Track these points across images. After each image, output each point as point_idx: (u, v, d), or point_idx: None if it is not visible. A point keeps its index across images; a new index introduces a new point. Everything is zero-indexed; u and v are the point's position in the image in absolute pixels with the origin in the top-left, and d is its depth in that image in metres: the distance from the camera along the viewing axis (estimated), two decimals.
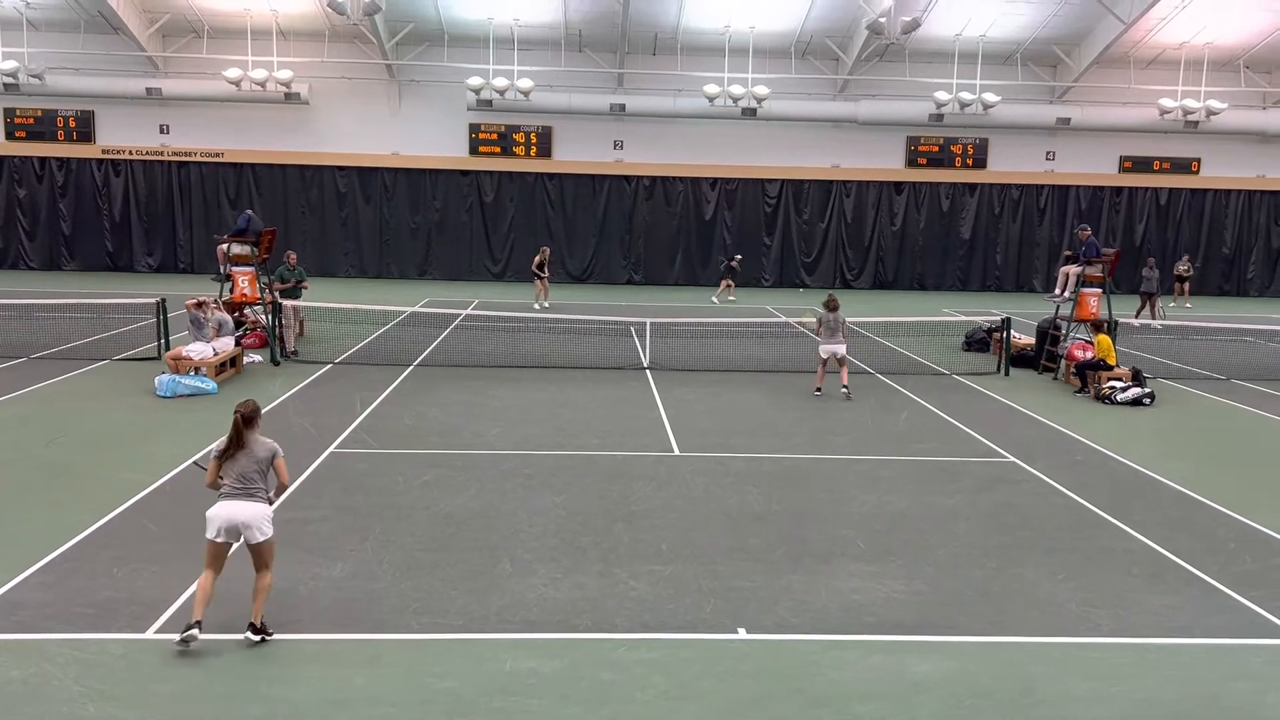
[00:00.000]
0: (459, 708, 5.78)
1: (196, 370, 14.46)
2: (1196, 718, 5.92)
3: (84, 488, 9.64)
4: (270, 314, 17.15)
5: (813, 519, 9.26)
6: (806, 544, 8.57)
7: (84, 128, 31.41)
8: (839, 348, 15.00)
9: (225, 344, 15.47)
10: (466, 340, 19.51)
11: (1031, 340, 18.85)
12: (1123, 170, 34.02)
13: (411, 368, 16.55)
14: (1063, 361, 17.23)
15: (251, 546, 6.52)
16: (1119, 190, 34.24)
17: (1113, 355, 16.00)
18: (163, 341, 16.72)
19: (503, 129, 32.29)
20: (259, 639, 6.45)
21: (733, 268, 29.47)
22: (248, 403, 6.80)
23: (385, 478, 10.21)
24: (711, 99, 29.21)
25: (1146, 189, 34.24)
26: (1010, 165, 33.74)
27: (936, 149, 33.44)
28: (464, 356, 17.71)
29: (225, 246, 17.71)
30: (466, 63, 30.23)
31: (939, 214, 34.06)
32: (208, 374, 14.48)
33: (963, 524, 9.25)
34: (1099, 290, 17.67)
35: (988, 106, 29.69)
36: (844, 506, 9.68)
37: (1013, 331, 18.22)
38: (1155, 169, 33.97)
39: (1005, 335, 17.88)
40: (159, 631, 6.60)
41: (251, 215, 18.09)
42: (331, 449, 11.27)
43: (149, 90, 30.27)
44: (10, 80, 28.41)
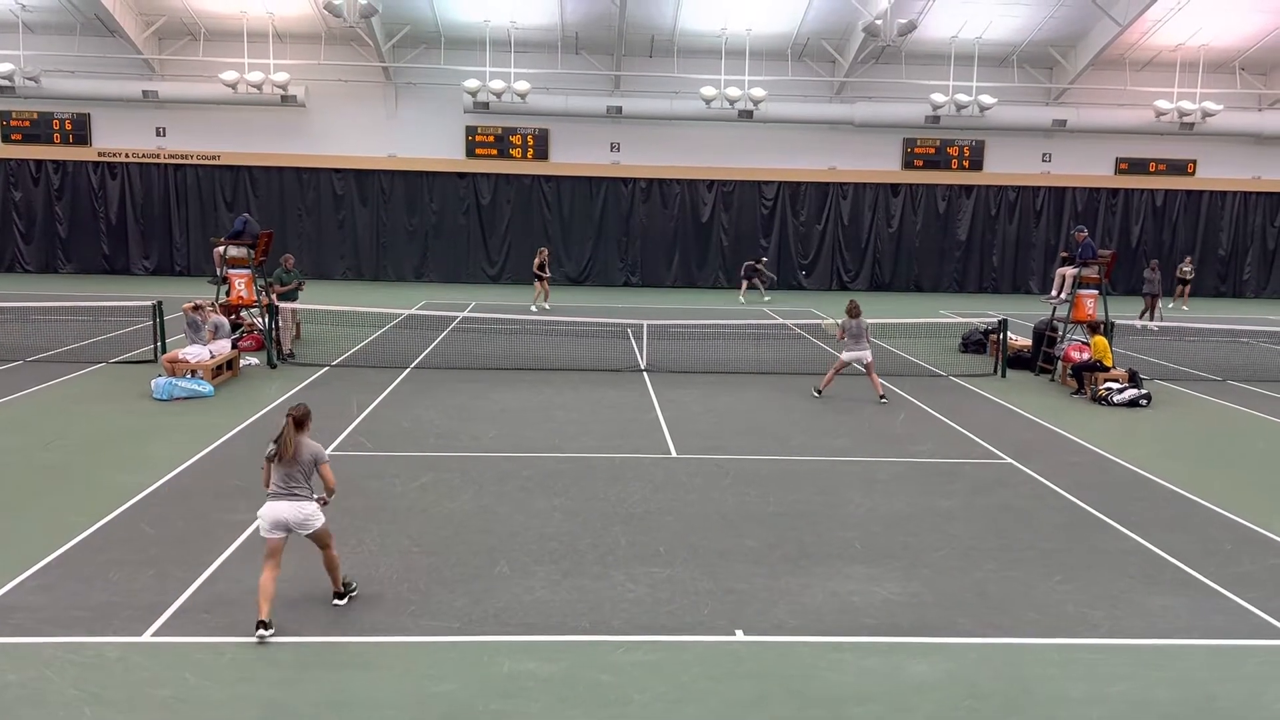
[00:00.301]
0: (456, 710, 5.77)
1: (193, 373, 14.45)
2: (1193, 719, 5.93)
3: (80, 491, 9.63)
4: (267, 316, 17.14)
5: (810, 521, 9.26)
6: (804, 546, 8.57)
7: (80, 130, 31.38)
8: (864, 354, 14.77)
9: (222, 347, 15.45)
10: (463, 343, 19.51)
11: (1028, 342, 18.87)
12: (1119, 172, 34.08)
13: (408, 370, 16.55)
14: (1059, 363, 17.25)
15: (307, 536, 6.98)
16: (1115, 192, 34.29)
17: (1109, 357, 16.02)
18: (159, 344, 16.71)
19: (499, 131, 32.29)
20: (344, 600, 7.15)
21: (757, 268, 30.15)
22: (299, 406, 7.09)
23: (382, 480, 10.21)
24: (708, 101, 29.23)
25: (1142, 190, 34.29)
26: (1007, 167, 33.79)
27: (933, 151, 33.48)
28: (461, 359, 17.71)
29: (222, 249, 17.70)
30: (463, 65, 30.25)
31: (935, 216, 34.10)
32: (204, 377, 14.46)
33: (960, 525, 9.26)
34: (1095, 292, 17.71)
35: (984, 108, 29.73)
36: (841, 508, 9.69)
37: (1009, 333, 18.25)
38: (1151, 170, 34.03)
39: (1002, 337, 17.90)
40: (156, 634, 6.60)
41: (248, 218, 18.08)
42: (328, 452, 11.18)
43: (145, 93, 30.24)
44: (6, 83, 28.39)
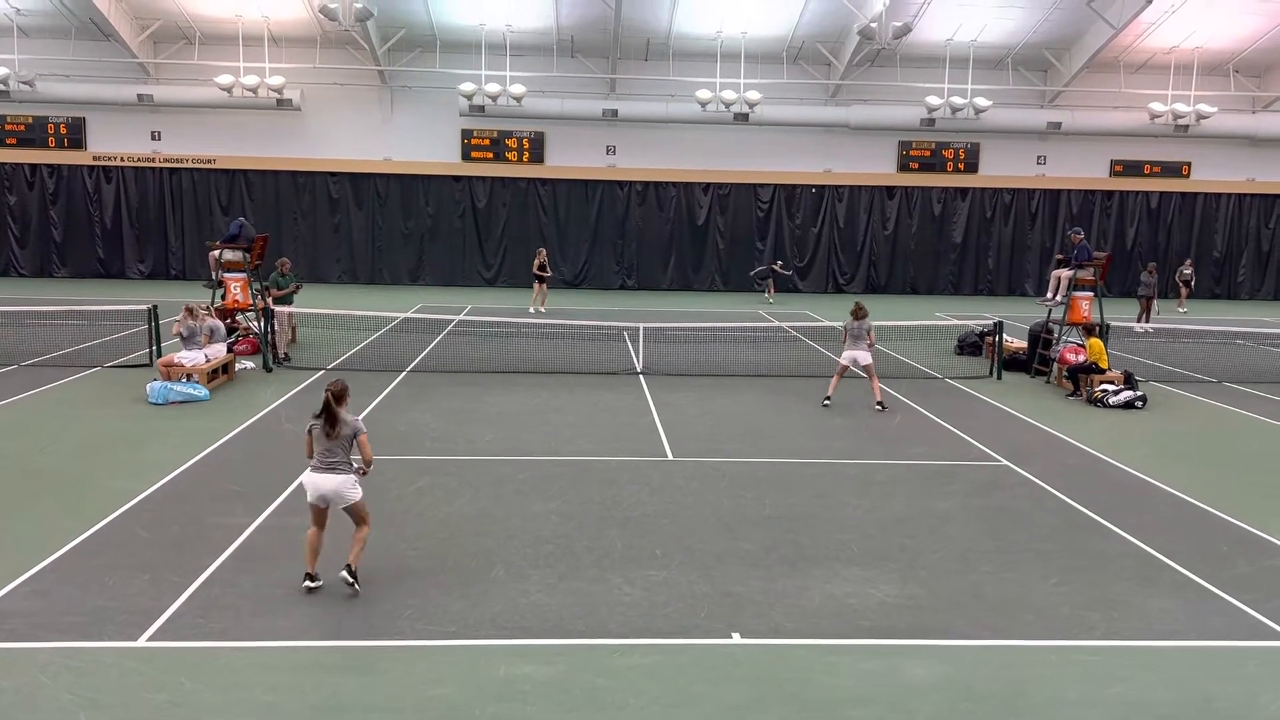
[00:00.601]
0: (453, 714, 5.76)
1: (188, 377, 14.42)
2: None
3: (75, 495, 9.60)
4: (262, 320, 17.12)
5: (807, 523, 9.26)
6: (800, 548, 8.57)
7: (75, 134, 31.35)
8: (860, 354, 14.45)
9: (217, 350, 15.43)
10: (459, 346, 19.50)
11: (1024, 344, 18.89)
12: (1114, 174, 34.16)
13: (404, 374, 16.53)
14: (1055, 365, 17.27)
15: (344, 510, 7.36)
16: (1110, 194, 34.37)
17: (1105, 359, 16.04)
18: (154, 348, 16.68)
19: (495, 135, 32.31)
20: (353, 581, 7.26)
21: (774, 270, 30.77)
22: (337, 382, 7.46)
23: (378, 484, 10.16)
24: (704, 104, 29.27)
25: (1137, 193, 34.37)
26: (1002, 169, 33.86)
27: (928, 153, 33.54)
28: (457, 362, 17.69)
29: (217, 253, 17.68)
30: (459, 68, 30.25)
31: (931, 218, 34.15)
32: (200, 381, 14.44)
33: (956, 527, 9.26)
34: (1090, 294, 17.73)
35: (979, 111, 29.80)
36: (838, 511, 9.69)
37: (1005, 335, 18.26)
38: (1146, 173, 34.12)
39: (997, 339, 17.92)
40: (151, 639, 6.57)
41: (244, 222, 18.07)
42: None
43: (140, 97, 30.21)
44: (1, 87, 28.34)
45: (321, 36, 30.18)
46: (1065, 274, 17.87)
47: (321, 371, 16.54)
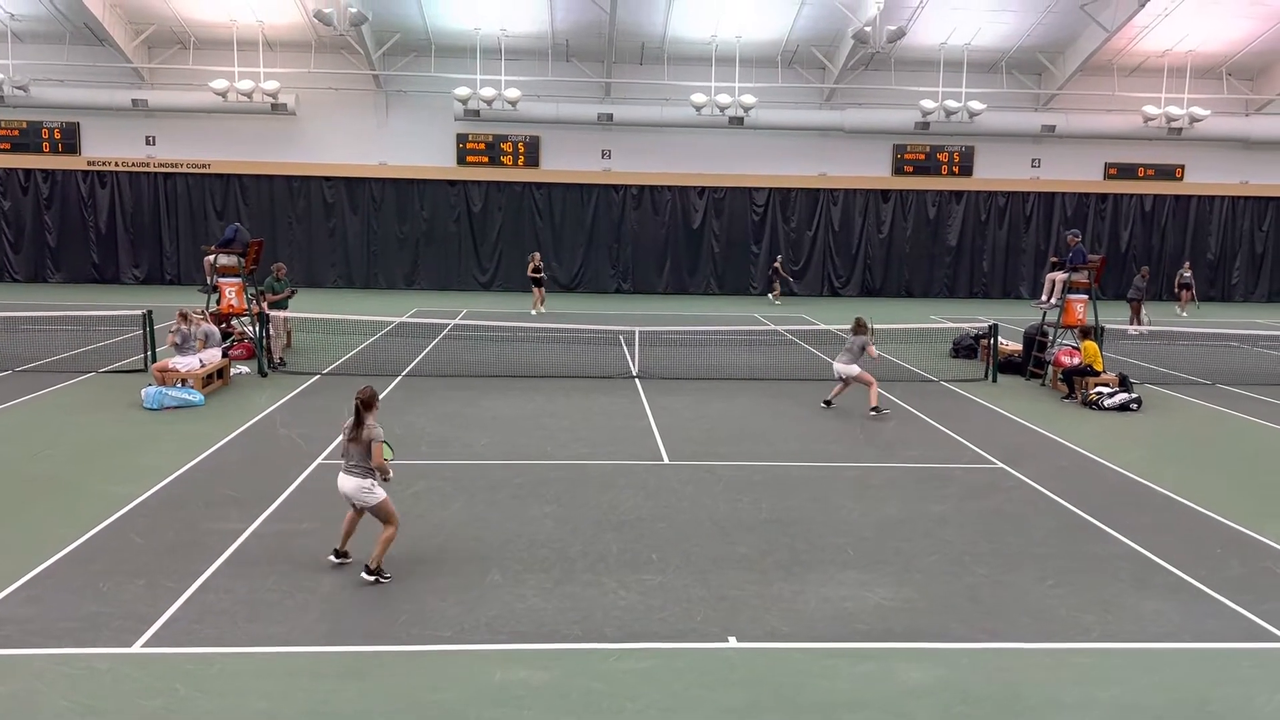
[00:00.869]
0: (449, 719, 5.76)
1: (183, 382, 14.40)
2: None
3: (70, 501, 9.58)
4: (257, 325, 17.10)
5: (802, 527, 9.26)
6: (796, 552, 8.57)
7: (69, 139, 31.32)
8: (842, 367, 14.45)
9: (212, 356, 15.41)
10: (455, 350, 19.49)
11: (1019, 346, 18.93)
12: (1108, 177, 34.25)
13: (400, 378, 16.52)
14: (1050, 367, 17.30)
15: (367, 510, 7.73)
16: (1104, 197, 34.46)
17: (1099, 361, 16.08)
18: (149, 353, 16.64)
19: (490, 139, 32.33)
20: (372, 579, 7.57)
21: (776, 269, 31.47)
22: (366, 389, 7.85)
23: None
24: (699, 108, 29.32)
25: (1131, 195, 34.47)
26: (996, 173, 33.92)
27: (923, 157, 33.61)
28: (452, 367, 17.68)
29: (212, 258, 17.66)
30: (454, 73, 30.27)
31: (926, 221, 34.22)
32: (194, 386, 14.42)
33: (952, 530, 9.27)
34: (1085, 297, 17.77)
35: (973, 114, 29.86)
36: (833, 514, 9.69)
37: (1000, 338, 18.30)
38: (1140, 176, 34.21)
39: (993, 342, 17.96)
40: (146, 645, 6.56)
41: (239, 226, 18.04)
42: (319, 460, 11.23)
43: (135, 102, 30.19)
44: None
45: (316, 41, 30.18)
46: (1060, 277, 17.90)
47: (316, 376, 16.53)
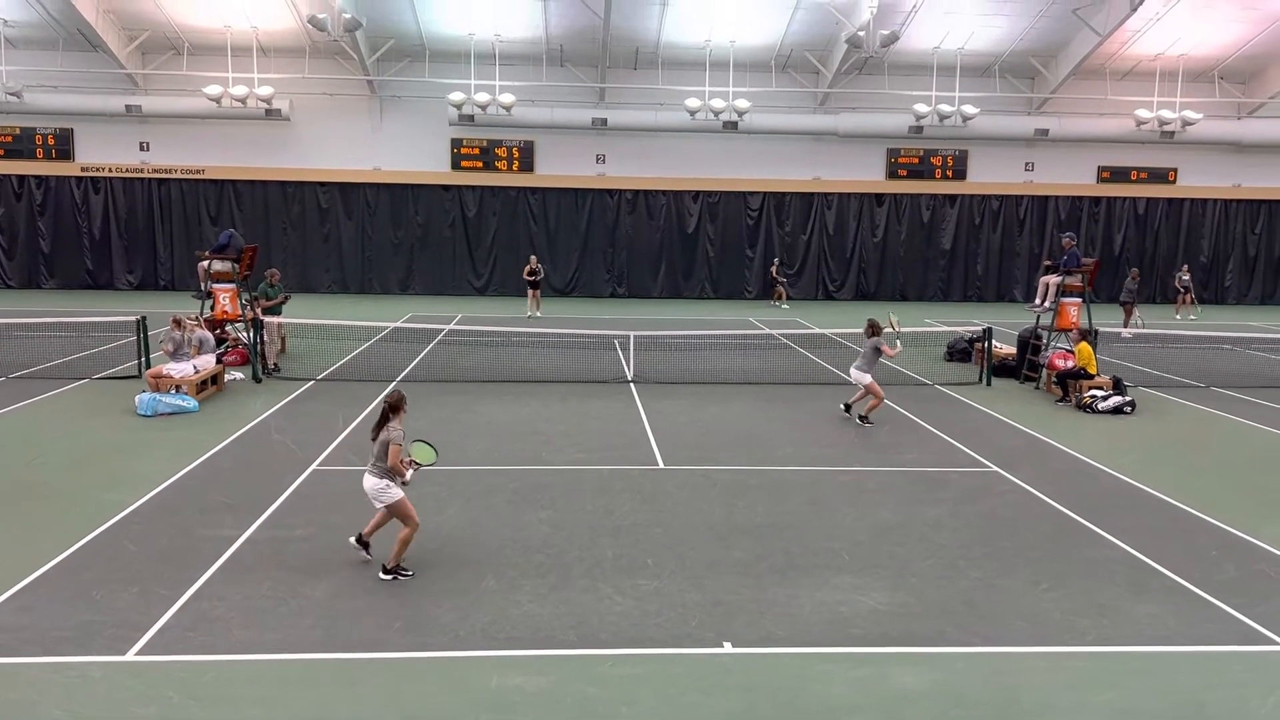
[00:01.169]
0: None
1: (177, 388, 14.37)
2: None
3: (63, 508, 9.55)
4: (252, 331, 17.07)
5: (797, 531, 9.26)
6: (791, 556, 8.57)
7: (63, 145, 31.26)
8: (855, 373, 13.98)
9: (206, 362, 15.38)
10: (450, 355, 19.47)
11: (1013, 350, 18.96)
12: (1101, 180, 34.34)
13: (394, 384, 16.49)
14: (1044, 371, 17.33)
15: (384, 507, 8.03)
16: (1097, 200, 34.54)
17: (1093, 364, 16.11)
18: (143, 360, 16.62)
19: (485, 144, 32.33)
20: (390, 578, 7.82)
21: (775, 274, 32.03)
22: (394, 393, 8.20)
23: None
24: (693, 112, 29.35)
25: (1124, 199, 34.56)
26: (990, 176, 34.00)
27: (916, 161, 33.67)
28: (447, 372, 17.67)
29: (206, 264, 17.64)
30: (448, 78, 30.27)
31: (920, 225, 34.27)
32: (189, 392, 14.39)
33: (947, 534, 9.27)
34: (1079, 300, 17.81)
35: (967, 118, 29.92)
36: (828, 518, 9.70)
37: (994, 341, 18.33)
38: (1133, 179, 34.30)
39: (987, 345, 17.98)
40: (139, 653, 6.54)
41: (233, 232, 18.03)
42: (314, 466, 11.22)
43: (128, 107, 30.15)
44: None
45: (310, 47, 30.16)
46: (1054, 280, 17.95)
47: (311, 382, 16.50)
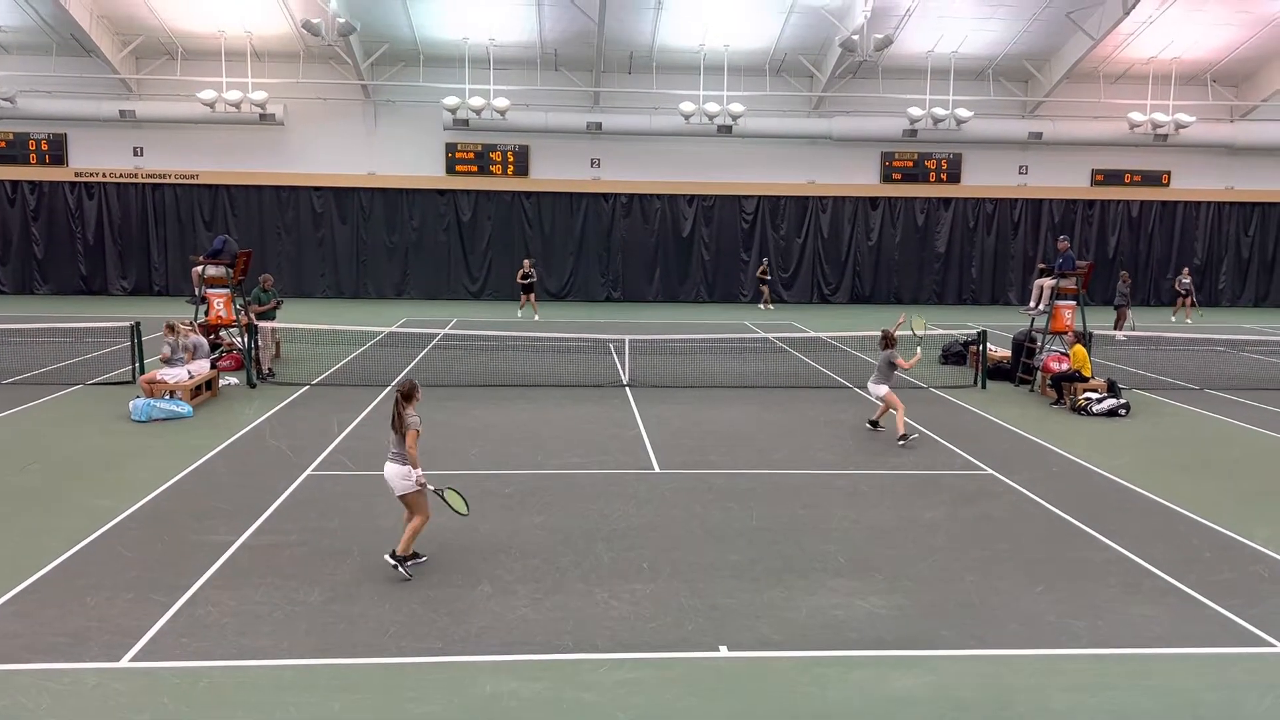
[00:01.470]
0: None
1: (172, 394, 14.33)
2: None
3: (57, 514, 9.52)
4: (246, 336, 17.05)
5: (793, 534, 9.26)
6: (787, 560, 8.57)
7: (56, 150, 31.20)
8: (875, 388, 13.46)
9: (200, 367, 15.35)
10: (445, 360, 19.45)
11: (1008, 353, 18.99)
12: (1095, 183, 34.42)
13: (389, 388, 16.46)
14: (1039, 373, 17.35)
15: (399, 497, 8.16)
16: (1091, 203, 34.63)
17: (1088, 367, 16.13)
18: (137, 365, 16.58)
19: (479, 148, 32.32)
20: (393, 565, 7.93)
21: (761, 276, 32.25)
22: (406, 381, 8.26)
23: (363, 500, 10.14)
24: (687, 116, 29.38)
25: (1118, 202, 34.65)
26: (984, 179, 34.07)
27: (911, 164, 33.73)
28: (443, 376, 17.64)
29: (200, 269, 17.61)
30: (442, 82, 30.27)
31: (914, 228, 34.32)
32: (183, 397, 14.35)
33: (942, 537, 9.28)
34: (1073, 303, 17.84)
35: (961, 122, 29.99)
36: (824, 521, 9.69)
37: (989, 344, 18.34)
38: (1126, 182, 34.39)
39: (982, 348, 18.00)
40: (133, 660, 6.51)
41: (227, 237, 18.01)
42: (309, 471, 11.19)
43: (122, 112, 30.10)
44: None
45: (304, 51, 30.15)
46: (1048, 283, 17.98)
47: (305, 387, 16.48)
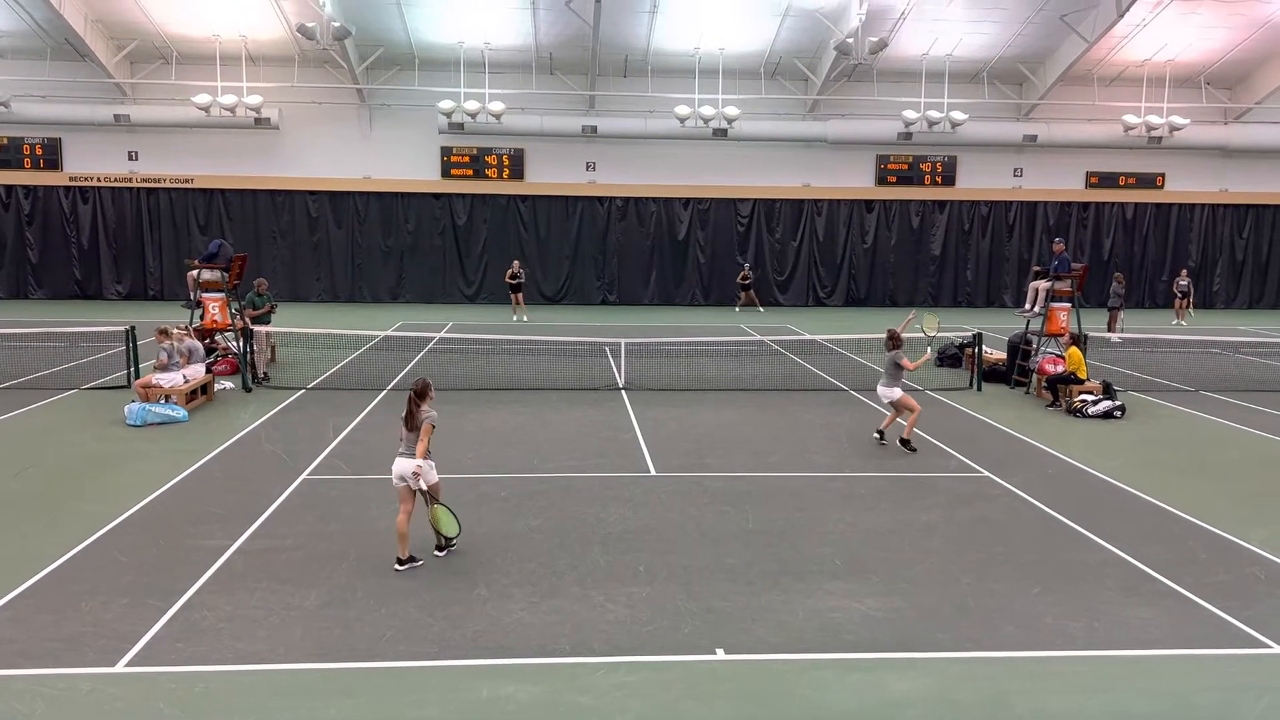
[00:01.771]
0: None
1: (167, 398, 14.31)
2: None
3: (52, 519, 9.49)
4: (241, 340, 17.02)
5: (790, 537, 9.26)
6: (784, 562, 8.56)
7: (51, 155, 31.17)
8: (884, 390, 13.07)
9: (196, 371, 15.32)
10: (441, 363, 19.44)
11: (1003, 355, 19.01)
12: (1089, 186, 34.50)
13: (385, 392, 16.46)
14: (1034, 376, 17.37)
15: (416, 489, 8.41)
16: (1086, 206, 34.71)
17: (1084, 369, 16.15)
18: (132, 370, 16.55)
19: (475, 152, 32.33)
20: (443, 553, 8.57)
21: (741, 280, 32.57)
22: (419, 380, 8.58)
23: (359, 504, 10.13)
24: (682, 120, 29.40)
25: (1113, 204, 34.74)
26: (979, 182, 34.13)
27: (906, 167, 33.79)
28: (438, 380, 17.45)
29: (195, 273, 17.58)
30: (437, 86, 30.28)
31: (909, 231, 34.38)
32: (178, 402, 14.33)
33: (939, 539, 9.28)
34: (1068, 305, 17.86)
35: (955, 125, 30.04)
36: (821, 524, 9.69)
37: (984, 346, 18.37)
38: (1121, 184, 34.49)
39: (977, 350, 18.02)
40: (129, 665, 6.49)
41: (223, 241, 17.98)
42: (304, 476, 11.17)
43: (117, 117, 30.08)
44: None
45: (299, 55, 30.14)
46: (1043, 285, 18.01)
47: (301, 391, 16.45)
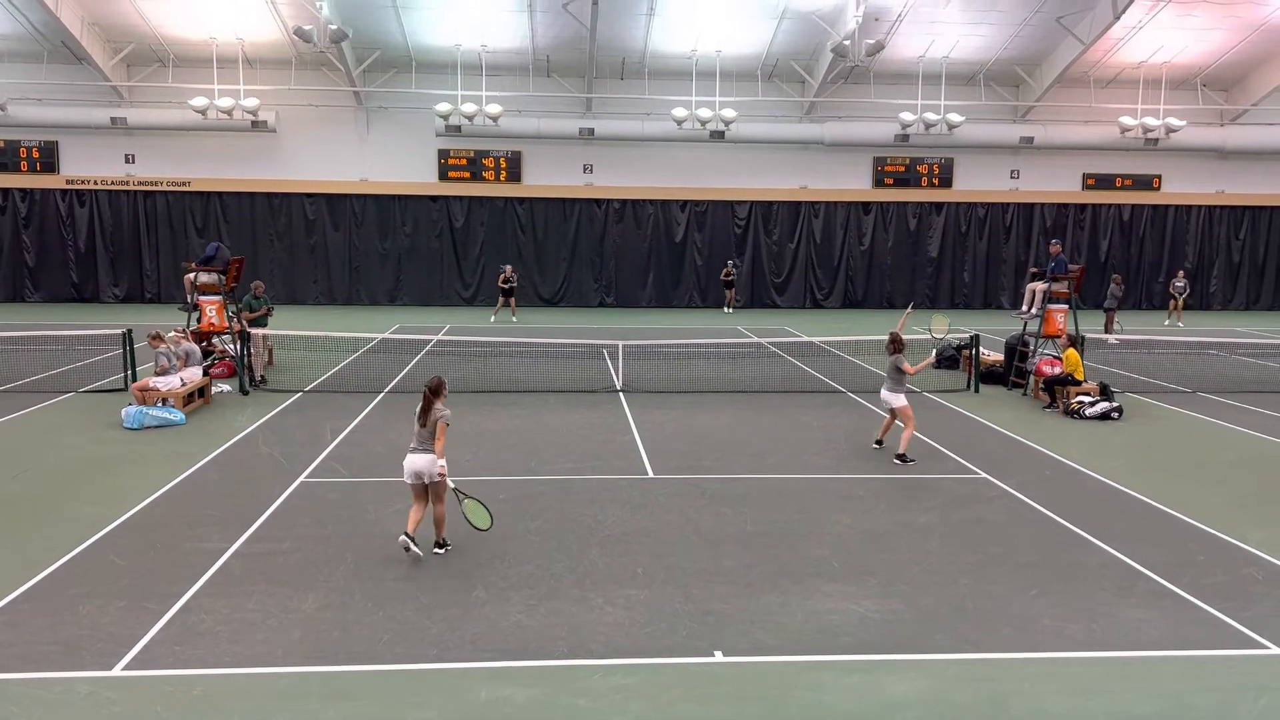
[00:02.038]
0: None
1: (164, 401, 14.29)
2: None
3: (49, 523, 9.47)
4: (238, 343, 17.00)
5: (788, 539, 9.25)
6: (782, 564, 8.56)
7: (48, 158, 31.15)
8: (886, 394, 12.44)
9: (193, 374, 15.31)
10: (438, 366, 19.41)
11: (1000, 357, 19.03)
12: (1086, 188, 34.56)
13: (382, 395, 16.44)
14: (1031, 377, 17.39)
15: (428, 485, 8.58)
16: (1083, 207, 34.76)
17: (1081, 370, 16.17)
18: (129, 372, 16.52)
19: (472, 154, 32.35)
20: (443, 550, 8.63)
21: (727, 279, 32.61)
22: (434, 378, 8.75)
23: (356, 507, 10.12)
24: (680, 122, 29.44)
25: (1110, 206, 34.80)
26: (975, 184, 34.18)
27: (903, 169, 33.83)
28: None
29: (193, 276, 17.57)
30: (434, 89, 30.29)
31: (906, 233, 34.42)
32: (175, 405, 14.31)
33: (936, 541, 9.28)
34: (1065, 306, 17.88)
35: (952, 126, 30.10)
36: (818, 526, 9.69)
37: (982, 348, 18.38)
38: (1118, 186, 34.55)
39: (974, 352, 18.04)
40: (126, 668, 6.48)
41: (220, 244, 17.97)
42: (302, 478, 11.16)
43: (114, 120, 30.07)
44: None
45: (296, 58, 30.14)
46: (1040, 287, 18.02)
47: (298, 394, 16.44)
